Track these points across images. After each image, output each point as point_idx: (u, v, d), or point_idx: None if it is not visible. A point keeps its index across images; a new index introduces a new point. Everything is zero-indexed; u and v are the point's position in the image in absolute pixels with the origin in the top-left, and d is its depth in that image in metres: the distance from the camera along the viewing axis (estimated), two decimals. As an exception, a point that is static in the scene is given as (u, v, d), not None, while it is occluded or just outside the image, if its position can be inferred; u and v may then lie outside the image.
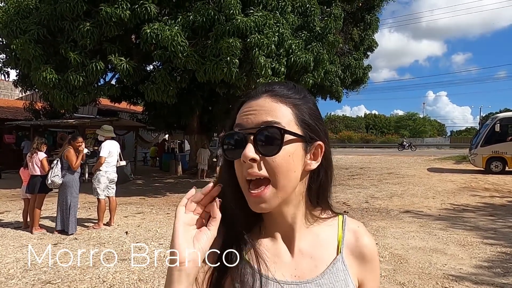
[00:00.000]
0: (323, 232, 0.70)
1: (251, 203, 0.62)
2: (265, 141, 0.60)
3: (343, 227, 0.71)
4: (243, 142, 0.60)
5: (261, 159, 0.60)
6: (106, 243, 5.12)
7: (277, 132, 0.60)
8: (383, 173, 14.46)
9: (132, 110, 18.62)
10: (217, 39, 7.88)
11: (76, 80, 8.39)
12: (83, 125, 13.61)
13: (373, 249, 0.71)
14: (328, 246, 0.69)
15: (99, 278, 3.82)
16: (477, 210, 7.53)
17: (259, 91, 0.65)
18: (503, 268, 4.07)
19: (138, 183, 12.32)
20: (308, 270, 0.66)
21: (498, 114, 15.12)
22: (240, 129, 0.62)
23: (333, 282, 0.65)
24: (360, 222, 0.75)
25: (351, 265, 0.68)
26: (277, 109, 0.62)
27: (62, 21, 8.37)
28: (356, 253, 0.69)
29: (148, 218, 6.79)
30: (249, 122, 0.62)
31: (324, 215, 0.71)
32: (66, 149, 5.59)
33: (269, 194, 0.60)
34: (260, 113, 0.62)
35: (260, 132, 0.60)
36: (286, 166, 0.61)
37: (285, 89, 0.65)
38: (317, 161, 0.65)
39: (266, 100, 0.63)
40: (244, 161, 0.59)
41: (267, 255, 0.66)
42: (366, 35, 13.85)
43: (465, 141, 36.59)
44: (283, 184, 0.61)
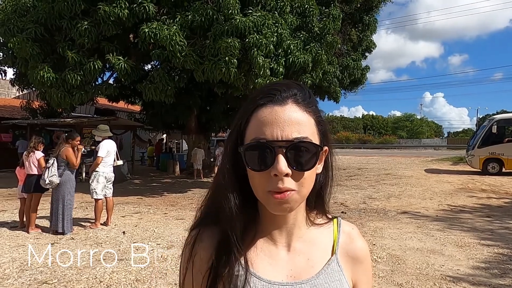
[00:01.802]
0: (319, 235, 0.71)
1: (273, 205, 0.60)
2: (299, 156, 0.59)
3: (338, 229, 0.72)
4: (273, 154, 0.59)
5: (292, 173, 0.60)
6: (103, 243, 5.09)
7: (313, 148, 0.61)
8: (380, 174, 14.49)
9: (129, 109, 18.57)
10: (216, 39, 7.87)
11: (73, 79, 8.35)
12: (80, 124, 13.55)
13: (366, 251, 0.73)
14: (324, 247, 0.70)
15: (96, 278, 3.80)
16: (474, 211, 7.55)
17: (283, 96, 0.63)
18: (500, 269, 4.08)
19: (135, 183, 12.28)
20: (304, 271, 0.67)
21: (495, 116, 15.21)
22: (268, 140, 0.60)
23: (328, 282, 0.66)
24: (354, 225, 0.76)
25: (346, 266, 0.69)
26: (306, 121, 0.62)
27: (60, 19, 8.33)
28: (350, 255, 0.71)
29: (145, 218, 6.76)
30: (277, 134, 0.60)
31: (319, 220, 0.72)
32: (64, 148, 5.54)
33: (295, 198, 0.60)
34: (290, 125, 0.60)
35: (293, 147, 0.59)
36: (312, 176, 0.63)
37: (305, 95, 0.65)
38: (321, 165, 0.67)
39: (293, 109, 0.62)
40: (276, 174, 0.58)
41: (262, 257, 0.67)
42: (364, 36, 13.87)
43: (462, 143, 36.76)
44: (306, 192, 0.63)
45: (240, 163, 0.63)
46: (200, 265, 0.67)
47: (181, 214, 7.13)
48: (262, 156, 0.59)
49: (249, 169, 0.61)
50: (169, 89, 8.80)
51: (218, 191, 0.68)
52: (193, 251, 0.68)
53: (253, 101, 0.64)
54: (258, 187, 0.61)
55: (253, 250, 0.67)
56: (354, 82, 14.07)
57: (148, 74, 9.40)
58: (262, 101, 0.63)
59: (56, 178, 5.40)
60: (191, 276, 0.67)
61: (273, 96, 0.63)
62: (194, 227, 0.72)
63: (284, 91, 0.63)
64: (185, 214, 7.10)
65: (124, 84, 11.32)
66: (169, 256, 4.49)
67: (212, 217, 0.68)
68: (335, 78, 11.86)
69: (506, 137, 13.88)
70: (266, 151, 0.59)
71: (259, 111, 0.62)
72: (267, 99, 0.63)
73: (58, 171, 5.43)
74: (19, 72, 10.77)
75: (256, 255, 0.66)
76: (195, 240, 0.69)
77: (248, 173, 0.63)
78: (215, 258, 0.65)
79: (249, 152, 0.61)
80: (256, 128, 0.62)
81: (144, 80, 9.04)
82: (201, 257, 0.67)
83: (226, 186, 0.65)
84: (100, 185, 5.91)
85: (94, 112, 18.53)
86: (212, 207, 0.69)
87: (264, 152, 0.59)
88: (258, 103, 0.63)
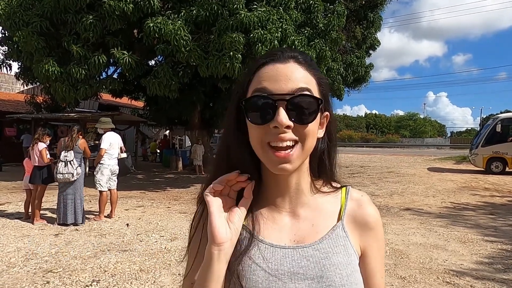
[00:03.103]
0: (326, 202, 0.70)
1: (274, 164, 0.60)
2: (301, 109, 0.60)
3: (346, 196, 0.71)
4: (273, 107, 0.59)
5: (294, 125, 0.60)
6: (107, 234, 5.12)
7: (314, 102, 0.61)
8: (383, 172, 14.47)
9: (133, 105, 18.62)
10: (220, 34, 7.87)
11: (78, 73, 8.38)
12: (84, 119, 13.60)
13: (376, 217, 0.70)
14: (330, 214, 0.69)
15: (100, 267, 3.83)
16: (477, 208, 7.53)
17: (285, 55, 0.64)
18: (503, 264, 4.08)
19: (138, 178, 12.32)
20: (308, 236, 0.66)
21: (500, 115, 15.12)
22: (270, 94, 0.60)
23: (332, 247, 0.65)
24: (365, 193, 0.73)
25: (352, 233, 0.68)
26: (308, 78, 0.63)
27: (65, 13, 8.35)
28: (358, 221, 0.68)
29: (148, 211, 6.79)
30: (278, 87, 0.60)
31: (326, 188, 0.71)
32: (81, 140, 5.62)
33: (296, 154, 0.61)
34: (291, 79, 0.61)
35: (294, 100, 0.59)
36: (314, 131, 0.63)
37: (307, 58, 0.66)
38: (323, 130, 0.68)
39: (294, 66, 0.63)
40: (276, 126, 0.59)
41: (265, 222, 0.67)
42: (368, 33, 13.81)
43: (465, 142, 36.59)
44: (309, 147, 0.63)
45: (244, 124, 0.64)
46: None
47: (184, 208, 7.15)
48: (263, 109, 0.60)
49: (249, 122, 0.62)
50: (173, 84, 8.81)
51: (224, 150, 0.68)
52: (202, 218, 0.69)
53: (256, 62, 0.66)
54: (257, 141, 0.61)
55: (256, 215, 0.67)
56: (357, 80, 14.03)
57: (152, 69, 9.41)
58: (264, 60, 0.64)
59: (80, 171, 5.48)
60: (198, 240, 0.67)
61: (275, 55, 0.64)
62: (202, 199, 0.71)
63: (286, 51, 0.65)
64: (188, 208, 7.12)
65: (128, 79, 11.33)
66: (172, 248, 4.52)
67: None
68: (339, 75, 11.82)
69: (510, 136, 13.81)
70: (267, 104, 0.59)
71: (261, 68, 0.63)
72: (270, 58, 0.64)
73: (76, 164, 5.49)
74: (24, 66, 10.80)
75: (259, 220, 0.67)
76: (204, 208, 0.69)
77: (248, 128, 0.63)
78: None
79: (250, 106, 0.61)
80: (257, 83, 0.62)
81: (148, 75, 9.05)
82: None
83: (231, 145, 0.66)
84: (104, 177, 5.94)
85: (97, 108, 18.59)
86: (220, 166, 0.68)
87: (265, 105, 0.59)
88: (261, 62, 0.64)
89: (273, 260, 0.63)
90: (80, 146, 5.59)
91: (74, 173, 5.44)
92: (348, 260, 0.65)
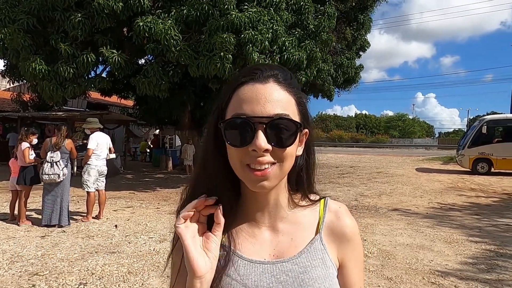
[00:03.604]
0: (304, 216, 0.70)
1: (252, 182, 0.61)
2: (279, 133, 0.59)
3: (324, 208, 0.71)
4: (251, 130, 0.59)
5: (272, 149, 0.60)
6: (95, 236, 5.07)
7: (293, 126, 0.60)
8: (372, 172, 14.62)
9: (122, 104, 18.41)
10: (211, 34, 7.84)
11: (66, 71, 8.25)
12: (72, 118, 13.43)
13: (353, 228, 0.70)
14: (308, 227, 0.69)
15: (87, 270, 3.79)
16: (463, 209, 7.68)
17: (264, 75, 0.63)
18: (487, 264, 4.17)
19: (127, 178, 12.21)
20: (287, 250, 0.66)
21: (486, 117, 15.45)
22: (248, 116, 0.59)
23: (310, 261, 0.65)
24: (342, 203, 0.74)
25: (330, 245, 0.68)
26: (286, 100, 0.62)
27: (53, 11, 8.21)
28: (335, 232, 0.69)
29: (137, 212, 6.74)
30: (257, 110, 0.59)
31: (304, 202, 0.71)
32: (68, 140, 5.54)
33: (273, 173, 0.61)
34: (270, 101, 0.60)
35: (273, 123, 0.59)
36: (291, 153, 0.63)
37: (286, 75, 0.65)
38: (302, 147, 0.68)
39: (274, 87, 0.62)
40: (254, 150, 0.58)
41: (245, 237, 0.67)
42: (358, 34, 13.93)
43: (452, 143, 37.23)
44: (287, 167, 0.63)
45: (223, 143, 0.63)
46: None
47: (173, 209, 7.02)
48: (242, 132, 0.59)
49: (228, 145, 0.61)
50: (163, 84, 8.75)
51: (202, 170, 0.68)
52: None
53: (235, 80, 0.65)
54: (236, 162, 0.61)
55: (235, 231, 0.67)
56: (347, 81, 14.13)
57: (142, 68, 9.33)
58: (244, 79, 0.63)
59: (66, 171, 5.41)
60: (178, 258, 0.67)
61: (254, 74, 0.63)
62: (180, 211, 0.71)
63: (265, 70, 0.64)
64: (178, 209, 7.09)
65: (117, 78, 11.19)
66: (161, 250, 4.50)
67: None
68: (329, 76, 11.90)
69: (496, 138, 14.11)
70: (246, 127, 0.59)
71: (240, 88, 0.63)
72: (249, 77, 0.63)
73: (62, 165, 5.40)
74: (10, 63, 10.61)
75: (238, 236, 0.67)
76: None
77: (227, 149, 0.62)
78: None
79: (228, 127, 0.61)
80: (236, 105, 0.62)
81: (137, 74, 8.97)
82: None
83: (209, 164, 0.66)
84: (92, 178, 5.87)
85: (86, 106, 18.34)
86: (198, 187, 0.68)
87: (244, 128, 0.59)
88: (240, 81, 0.64)
89: (252, 276, 0.64)
90: (67, 146, 5.52)
91: (61, 174, 5.36)
92: (326, 273, 0.65)
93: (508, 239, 5.24)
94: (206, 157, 0.67)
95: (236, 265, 0.65)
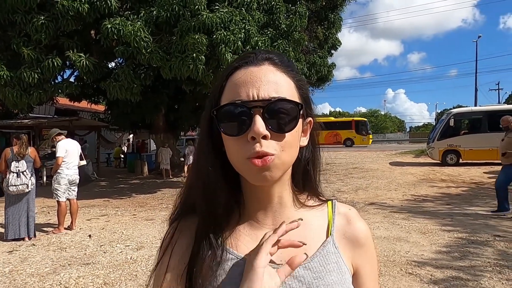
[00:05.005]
0: (312, 217, 0.64)
1: (253, 174, 0.54)
2: (278, 116, 0.54)
3: (333, 210, 0.66)
4: (249, 116, 0.53)
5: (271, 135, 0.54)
6: (68, 248, 4.85)
7: (294, 107, 0.55)
8: (348, 168, 14.91)
9: (93, 109, 17.82)
10: (182, 35, 7.72)
11: (30, 77, 7.87)
12: (39, 126, 12.85)
13: (366, 232, 0.65)
14: (317, 229, 0.63)
15: (60, 284, 3.61)
16: (435, 200, 7.97)
17: (259, 57, 0.58)
18: (460, 252, 4.33)
19: (101, 185, 11.83)
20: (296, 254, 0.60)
21: (452, 110, 16.10)
22: (244, 101, 0.54)
23: (324, 265, 0.59)
24: (352, 207, 0.69)
25: (344, 249, 0.63)
26: (284, 82, 0.57)
27: (13, 13, 7.81)
28: (348, 236, 0.64)
29: (113, 220, 6.53)
30: (253, 94, 0.54)
31: (311, 202, 0.66)
32: (31, 149, 5.30)
33: (274, 162, 0.54)
34: (267, 83, 0.55)
35: (271, 106, 0.54)
36: (293, 141, 0.57)
37: (283, 59, 0.60)
38: (306, 137, 0.63)
39: (270, 69, 0.57)
40: (253, 137, 0.53)
41: (247, 241, 0.61)
42: (330, 33, 14.16)
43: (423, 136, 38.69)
44: (288, 159, 0.57)
45: (219, 137, 0.58)
46: (180, 253, 0.61)
47: (150, 215, 6.95)
48: (238, 119, 0.54)
49: (224, 135, 0.56)
50: (135, 87, 8.53)
51: (198, 168, 0.62)
52: (173, 240, 0.63)
53: (228, 66, 0.60)
54: (235, 155, 0.56)
55: (237, 234, 0.61)
56: (321, 79, 14.33)
57: (112, 72, 9.06)
58: (237, 64, 0.59)
59: (34, 180, 5.16)
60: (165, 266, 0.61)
61: (248, 58, 0.59)
62: (174, 218, 0.66)
63: (260, 53, 0.59)
64: (155, 215, 6.93)
65: (86, 83, 10.81)
66: (138, 258, 4.36)
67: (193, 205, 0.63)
68: (303, 75, 11.97)
69: (462, 130, 14.74)
70: (242, 113, 0.54)
71: (234, 74, 0.58)
72: (243, 61, 0.59)
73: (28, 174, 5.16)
74: (-32, 70, 10.01)
75: (240, 239, 0.61)
76: (175, 230, 0.64)
77: (224, 141, 0.57)
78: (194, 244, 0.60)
79: (222, 115, 0.55)
80: (230, 91, 0.57)
81: (108, 78, 8.69)
82: (182, 245, 0.61)
83: (205, 162, 0.60)
84: (62, 187, 5.63)
85: (54, 113, 17.62)
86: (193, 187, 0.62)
87: (239, 115, 0.54)
88: (233, 66, 0.59)
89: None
90: (31, 154, 5.26)
91: (29, 183, 5.12)
92: (342, 278, 0.60)
93: (478, 227, 5.47)
94: (201, 154, 0.61)
95: (240, 271, 0.57)
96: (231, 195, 0.61)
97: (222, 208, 0.60)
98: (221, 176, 0.59)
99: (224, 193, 0.59)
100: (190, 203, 0.64)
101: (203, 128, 0.61)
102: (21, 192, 5.11)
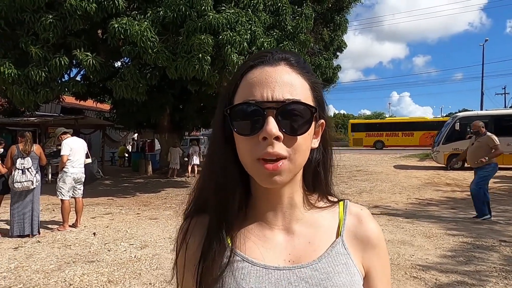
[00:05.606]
0: (322, 217, 0.64)
1: (263, 177, 0.55)
2: (292, 119, 0.54)
3: (344, 210, 0.66)
4: (262, 116, 0.53)
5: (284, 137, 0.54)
6: (72, 245, 4.88)
7: (308, 110, 0.55)
8: (352, 171, 14.86)
9: (99, 108, 17.92)
10: (189, 35, 7.75)
11: (38, 75, 7.94)
12: (45, 124, 12.95)
13: (378, 233, 0.64)
14: (327, 230, 0.63)
15: (65, 281, 3.64)
16: (440, 203, 7.91)
17: (275, 57, 0.58)
18: (465, 256, 4.30)
19: (106, 184, 11.89)
20: (305, 254, 0.60)
21: (458, 114, 16.00)
22: (258, 101, 0.54)
23: (332, 266, 0.58)
24: (365, 207, 0.68)
25: (354, 250, 0.62)
26: (299, 83, 0.57)
27: (22, 12, 7.88)
28: (359, 237, 0.63)
29: (117, 219, 6.56)
30: (267, 94, 0.54)
31: (321, 203, 0.65)
32: (36, 146, 5.34)
33: (286, 167, 0.55)
34: (281, 85, 0.55)
35: (285, 108, 0.54)
36: (305, 144, 0.57)
37: (299, 59, 0.61)
38: (318, 139, 0.63)
39: (285, 70, 0.57)
40: (265, 138, 0.53)
41: (256, 241, 0.61)
42: (335, 35, 14.14)
43: (427, 140, 38.44)
44: (299, 162, 0.57)
45: (232, 136, 0.58)
46: (193, 251, 0.62)
47: (154, 214, 6.97)
48: (251, 119, 0.54)
49: (236, 134, 0.56)
50: (141, 87, 8.57)
51: (210, 167, 0.62)
52: (186, 237, 0.64)
53: (243, 65, 0.60)
54: (246, 155, 0.56)
55: (245, 234, 0.61)
56: (326, 81, 14.28)
57: (118, 71, 9.11)
58: (252, 63, 0.58)
59: (39, 177, 5.20)
60: (182, 261, 0.63)
61: (264, 57, 0.59)
62: (188, 215, 0.67)
63: (276, 53, 0.59)
64: (159, 214, 6.95)
65: (92, 82, 10.89)
66: (142, 256, 4.38)
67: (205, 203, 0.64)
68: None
69: (468, 134, 14.64)
70: (255, 113, 0.54)
71: (249, 73, 0.58)
72: (258, 60, 0.58)
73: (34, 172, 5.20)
74: (-24, 68, 10.10)
75: (249, 240, 0.60)
76: (189, 226, 0.65)
77: (235, 140, 0.57)
78: (204, 243, 0.61)
79: (235, 115, 0.56)
80: (244, 90, 0.57)
81: (114, 77, 8.74)
82: (194, 242, 0.62)
83: (217, 160, 0.60)
84: (66, 186, 5.66)
85: (60, 111, 17.75)
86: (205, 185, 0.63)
87: (253, 115, 0.54)
88: (248, 65, 0.59)
89: (267, 284, 0.57)
90: (36, 151, 5.30)
91: (34, 180, 5.14)
92: (351, 280, 0.59)
93: (483, 231, 5.42)
94: (214, 152, 0.62)
95: (246, 272, 0.58)
96: (242, 195, 0.61)
97: (234, 208, 0.60)
98: (233, 177, 0.59)
99: (236, 193, 0.60)
100: (203, 202, 0.65)
101: (216, 127, 0.61)
102: (26, 189, 5.14)
